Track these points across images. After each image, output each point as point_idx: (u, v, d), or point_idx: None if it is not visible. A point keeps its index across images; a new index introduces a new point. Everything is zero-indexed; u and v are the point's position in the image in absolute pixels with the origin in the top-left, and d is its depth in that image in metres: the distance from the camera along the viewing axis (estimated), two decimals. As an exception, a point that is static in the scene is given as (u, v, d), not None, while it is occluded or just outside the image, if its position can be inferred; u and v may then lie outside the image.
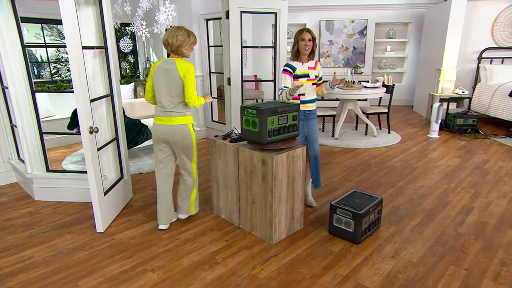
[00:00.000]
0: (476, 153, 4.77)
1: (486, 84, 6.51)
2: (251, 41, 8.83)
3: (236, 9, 3.79)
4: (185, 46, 2.61)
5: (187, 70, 2.58)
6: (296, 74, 2.95)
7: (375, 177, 3.92)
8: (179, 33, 2.57)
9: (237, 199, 2.82)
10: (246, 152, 2.61)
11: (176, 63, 2.60)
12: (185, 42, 2.60)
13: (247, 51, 8.74)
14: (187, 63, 2.63)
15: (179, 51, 2.62)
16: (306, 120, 3.08)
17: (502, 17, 6.60)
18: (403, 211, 3.10)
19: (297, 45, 2.93)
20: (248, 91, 8.45)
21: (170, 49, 2.63)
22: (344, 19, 8.37)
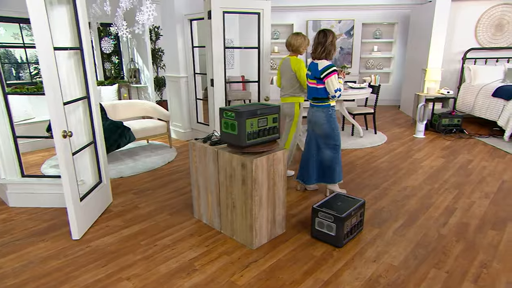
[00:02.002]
0: (460, 153, 4.79)
1: (470, 84, 6.57)
2: (238, 41, 8.77)
3: (218, 9, 3.72)
4: (302, 47, 3.64)
5: (297, 65, 3.57)
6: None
7: (359, 179, 3.90)
8: (298, 37, 3.62)
9: (217, 203, 2.76)
10: (226, 155, 2.55)
11: (290, 60, 3.64)
12: (303, 44, 3.64)
13: (233, 51, 8.67)
14: (298, 60, 3.61)
15: (298, 50, 3.65)
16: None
17: (485, 18, 6.68)
18: (387, 213, 3.08)
19: (335, 45, 3.17)
20: (235, 92, 8.39)
21: (291, 48, 3.66)
22: (331, 20, 8.37)
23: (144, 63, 6.26)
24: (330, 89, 3.07)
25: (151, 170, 4.29)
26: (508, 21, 6.62)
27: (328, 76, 3.04)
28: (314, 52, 3.15)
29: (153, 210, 3.21)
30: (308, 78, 3.25)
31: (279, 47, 8.88)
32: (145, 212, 3.17)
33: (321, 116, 3.21)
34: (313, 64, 3.17)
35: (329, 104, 3.20)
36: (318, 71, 3.08)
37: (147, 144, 5.39)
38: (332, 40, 3.11)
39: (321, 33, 3.12)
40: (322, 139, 3.31)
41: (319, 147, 3.36)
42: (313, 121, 3.28)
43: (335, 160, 3.33)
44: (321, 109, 3.21)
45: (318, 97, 3.18)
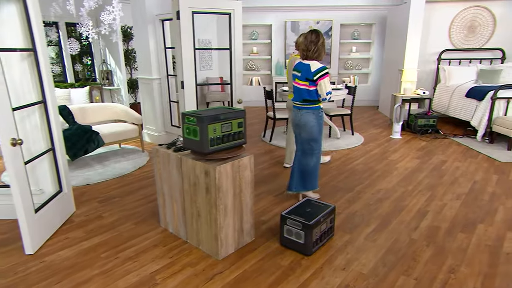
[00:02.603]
0: (435, 154, 4.81)
1: (445, 84, 6.65)
2: (216, 42, 8.63)
3: (186, 9, 3.60)
4: None
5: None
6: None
7: (334, 182, 3.85)
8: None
9: (182, 212, 2.64)
10: (189, 162, 2.43)
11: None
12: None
13: (211, 52, 8.53)
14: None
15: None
16: None
17: (458, 20, 6.77)
18: (359, 218, 3.02)
19: (325, 47, 3.13)
20: (213, 93, 8.25)
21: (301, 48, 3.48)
22: (309, 20, 8.35)
23: (116, 64, 6.05)
24: (322, 92, 3.00)
25: (120, 176, 4.12)
26: (479, 23, 6.74)
27: (321, 78, 2.98)
28: (306, 51, 3.05)
29: (117, 220, 3.06)
30: (297, 79, 3.12)
31: (258, 48, 8.80)
32: (108, 222, 3.01)
33: (311, 118, 3.11)
34: (303, 64, 3.07)
35: (319, 106, 3.14)
36: (311, 72, 2.99)
37: (119, 148, 5.21)
38: (323, 41, 3.06)
39: (314, 33, 3.05)
40: (307, 144, 3.20)
41: (302, 152, 3.25)
42: (302, 123, 3.14)
43: (317, 166, 3.27)
44: (311, 111, 3.11)
45: (309, 99, 3.07)
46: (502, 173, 4.04)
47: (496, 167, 4.26)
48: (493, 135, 5.23)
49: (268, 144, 5.40)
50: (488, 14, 6.67)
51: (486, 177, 3.92)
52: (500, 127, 5.03)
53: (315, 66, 3.00)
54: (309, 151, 3.21)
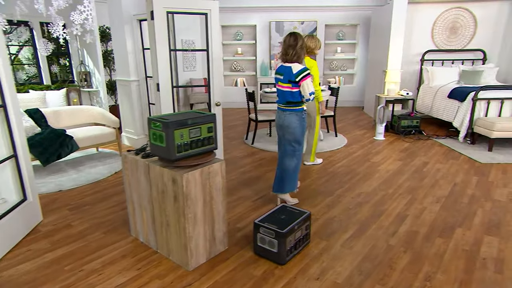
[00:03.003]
0: (417, 156, 4.79)
1: (428, 85, 6.67)
2: (199, 43, 8.51)
3: (161, 9, 3.48)
4: (317, 49, 4.05)
5: (310, 67, 3.65)
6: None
7: (314, 185, 3.77)
8: (313, 39, 4.00)
9: (152, 221, 2.53)
10: (157, 169, 2.32)
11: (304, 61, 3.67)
12: (317, 46, 4.05)
13: (195, 53, 8.40)
14: (311, 61, 3.94)
15: (313, 52, 4.03)
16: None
17: (440, 21, 6.80)
18: (337, 223, 2.95)
19: (305, 50, 3.17)
20: (197, 94, 8.13)
21: (306, 50, 3.92)
22: (293, 21, 8.29)
23: (95, 65, 5.88)
24: (305, 92, 3.02)
25: (95, 181, 3.97)
26: (461, 25, 6.77)
27: (303, 79, 3.00)
28: (285, 55, 3.10)
29: (87, 228, 2.92)
30: (280, 82, 3.13)
31: (242, 48, 8.70)
32: (77, 231, 2.88)
33: (294, 119, 3.12)
34: (285, 67, 3.09)
35: (303, 107, 3.15)
36: (293, 74, 3.02)
37: (96, 152, 5.05)
38: (302, 44, 3.07)
39: (292, 36, 3.06)
40: (290, 145, 3.19)
41: (284, 154, 3.24)
42: (285, 125, 3.15)
43: (298, 168, 3.27)
44: (294, 113, 3.12)
45: (293, 101, 3.09)
46: (482, 175, 4.03)
47: (476, 168, 4.25)
48: (475, 136, 5.24)
49: (250, 147, 5.30)
50: (469, 16, 6.71)
51: (466, 179, 3.90)
52: (481, 128, 5.04)
53: (297, 68, 3.02)
54: (291, 152, 3.21)
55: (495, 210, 3.15)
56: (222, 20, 8.40)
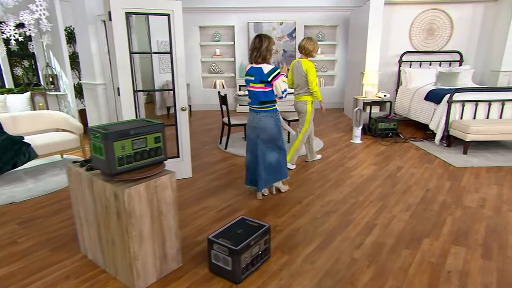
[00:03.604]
0: (392, 160, 4.70)
1: (406, 87, 6.62)
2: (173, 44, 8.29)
3: (118, 9, 3.29)
4: (315, 51, 4.11)
5: (307, 68, 4.02)
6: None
7: (283, 194, 3.63)
8: (311, 42, 4.07)
9: (98, 238, 2.34)
10: (99, 183, 2.14)
11: (302, 62, 4.08)
12: (315, 48, 4.10)
13: (172, 54, 8.18)
14: (309, 62, 4.06)
15: (310, 54, 4.11)
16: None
17: (417, 22, 6.76)
18: (302, 235, 2.81)
19: (272, 52, 3.23)
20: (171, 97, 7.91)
21: (305, 52, 4.09)
22: (272, 21, 8.16)
23: (61, 68, 5.63)
24: (278, 91, 3.19)
25: (53, 191, 3.75)
26: (438, 26, 6.75)
27: (275, 79, 3.16)
28: (251, 56, 3.23)
29: (33, 245, 2.71)
30: (252, 83, 3.24)
31: (221, 49, 8.52)
32: (22, 249, 2.67)
33: (269, 121, 3.26)
34: (255, 68, 3.20)
35: (276, 108, 3.31)
36: (264, 74, 3.15)
37: (61, 159, 4.80)
38: (267, 46, 3.16)
39: (257, 38, 3.19)
40: (268, 143, 3.34)
41: (264, 152, 3.37)
42: (261, 127, 3.28)
43: (282, 160, 3.48)
44: (269, 114, 3.26)
45: (266, 101, 3.23)
46: (455, 179, 3.95)
47: (450, 172, 4.18)
48: (450, 138, 5.19)
49: (223, 152, 5.14)
50: (445, 17, 6.69)
51: (439, 184, 3.82)
52: (456, 131, 4.99)
53: (267, 68, 3.15)
54: (276, 148, 3.40)
55: (465, 217, 3.07)
56: (200, 20, 8.22)
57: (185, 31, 8.23)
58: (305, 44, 4.06)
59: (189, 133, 4.00)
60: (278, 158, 3.44)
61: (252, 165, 3.42)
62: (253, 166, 3.41)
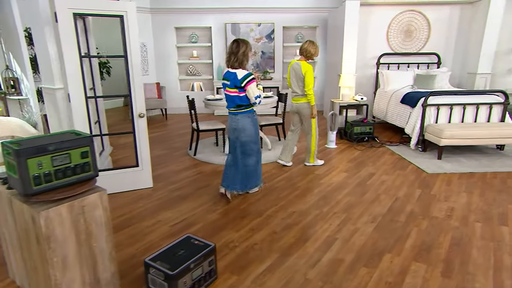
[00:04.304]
0: (365, 166, 4.56)
1: (383, 90, 6.51)
2: (152, 46, 8.08)
3: (65, 10, 3.07)
4: (316, 54, 4.16)
5: (305, 71, 4.06)
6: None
7: (245, 204, 3.45)
8: (314, 45, 4.14)
9: (23, 262, 2.12)
10: (17, 204, 1.92)
11: (301, 64, 4.10)
12: (316, 52, 4.17)
13: (146, 56, 7.96)
14: (308, 65, 4.09)
15: (311, 57, 4.17)
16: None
17: (395, 24, 6.65)
18: (256, 252, 2.63)
19: (248, 57, 3.23)
20: (149, 100, 7.69)
21: (306, 54, 4.14)
22: (250, 23, 7.98)
23: (22, 71, 5.35)
24: (250, 96, 3.19)
25: None
26: (415, 28, 6.65)
27: (248, 84, 3.16)
28: (227, 61, 3.26)
29: (-39, 268, 2.48)
30: (227, 88, 3.28)
31: (198, 51, 8.31)
32: None
33: (247, 121, 3.31)
34: (230, 73, 3.24)
35: (252, 109, 3.34)
36: (238, 80, 3.17)
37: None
38: (244, 51, 3.19)
39: (235, 43, 3.22)
40: (247, 145, 3.37)
41: (242, 156, 3.41)
42: (239, 128, 3.32)
43: (258, 165, 3.50)
44: (246, 115, 3.30)
45: (242, 104, 3.27)
46: (426, 187, 3.83)
47: (422, 179, 4.05)
48: (426, 143, 5.07)
49: (192, 159, 4.94)
50: (422, 19, 6.60)
51: (409, 193, 3.68)
52: (430, 135, 4.88)
53: (241, 74, 3.18)
54: (250, 152, 3.40)
55: (430, 229, 2.93)
56: (176, 21, 8.00)
57: (161, 32, 8.02)
58: (307, 47, 4.12)
59: (161, 139, 3.81)
60: (255, 163, 3.46)
61: (229, 167, 3.48)
62: (231, 168, 3.47)
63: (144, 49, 7.88)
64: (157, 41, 8.05)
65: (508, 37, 6.26)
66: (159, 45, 8.08)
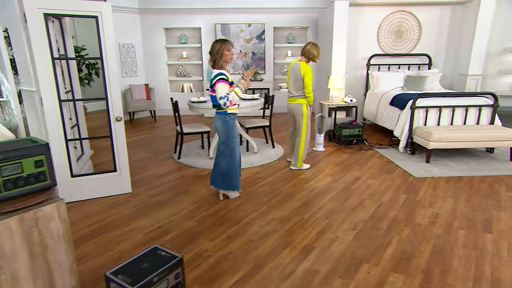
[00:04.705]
0: (351, 169, 4.46)
1: (374, 91, 6.41)
2: (141, 46, 7.97)
3: (35, 10, 2.96)
4: (318, 57, 4.20)
5: (307, 71, 4.07)
6: (231, 82, 3.27)
7: (224, 211, 3.35)
8: (316, 48, 4.16)
9: (-22, 277, 2.01)
10: (-34, 216, 1.81)
11: (301, 65, 4.11)
12: (319, 54, 4.21)
13: (135, 56, 7.85)
14: (308, 66, 4.11)
15: (313, 59, 4.18)
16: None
17: (385, 25, 6.57)
18: (230, 262, 2.53)
19: (223, 55, 3.19)
20: (137, 102, 7.59)
21: (308, 56, 4.14)
22: (240, 23, 7.88)
23: (3, 72, 5.23)
24: (217, 95, 3.17)
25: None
26: (406, 28, 6.57)
27: (216, 83, 3.16)
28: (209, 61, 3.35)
29: None
30: (210, 88, 3.33)
31: (187, 52, 8.21)
32: None
33: (219, 122, 3.34)
34: (211, 73, 3.30)
35: (226, 111, 3.31)
36: (211, 79, 3.24)
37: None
38: (218, 49, 3.19)
39: (213, 44, 3.27)
40: (220, 145, 3.44)
41: (217, 152, 3.49)
42: (216, 127, 3.42)
43: (230, 170, 3.44)
44: (219, 115, 3.34)
45: (216, 104, 3.29)
46: (412, 192, 3.73)
47: (408, 184, 3.96)
48: (414, 146, 4.98)
49: (176, 162, 4.83)
50: (413, 20, 6.52)
51: (393, 198, 3.59)
52: (419, 138, 4.79)
53: (214, 74, 3.22)
54: (223, 150, 3.41)
55: (412, 237, 2.83)
56: (165, 22, 7.89)
57: (150, 33, 7.91)
58: (310, 48, 4.13)
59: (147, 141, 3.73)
60: (228, 166, 3.43)
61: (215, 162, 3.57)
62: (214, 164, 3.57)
63: (132, 50, 7.77)
64: (146, 41, 7.93)
65: (499, 38, 6.18)
66: (148, 46, 7.97)
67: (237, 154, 3.46)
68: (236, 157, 3.44)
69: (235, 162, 3.45)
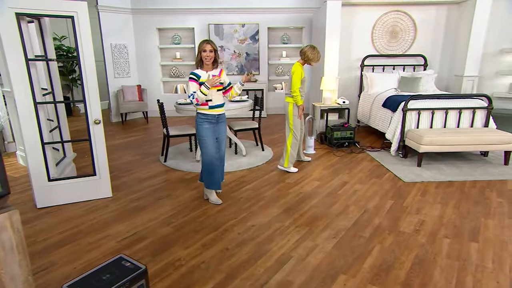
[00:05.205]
0: (340, 173, 4.35)
1: (367, 93, 6.29)
2: (133, 46, 7.90)
3: (6, 9, 2.88)
4: (314, 60, 4.21)
5: (296, 70, 4.14)
6: (201, 82, 3.21)
7: (203, 217, 3.25)
8: (314, 51, 4.17)
9: None
10: None
11: (293, 65, 4.23)
12: (315, 58, 4.20)
13: (128, 57, 7.78)
14: (299, 66, 4.17)
15: (308, 62, 4.22)
16: (216, 124, 3.39)
17: (379, 25, 6.44)
18: (201, 272, 2.43)
19: (200, 55, 3.23)
20: (129, 103, 7.52)
21: (303, 57, 4.21)
22: (234, 23, 7.79)
23: (-12, 73, 5.17)
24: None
25: None
26: (401, 29, 6.44)
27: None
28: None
29: None
30: None
31: (181, 52, 8.13)
32: None
33: (196, 121, 3.40)
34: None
35: (197, 111, 3.36)
36: None
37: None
38: (198, 48, 3.24)
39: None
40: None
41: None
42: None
43: (204, 167, 3.47)
44: (197, 114, 3.39)
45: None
46: (399, 197, 3.62)
47: (397, 189, 3.84)
48: (406, 149, 4.86)
49: (161, 165, 4.74)
50: (408, 20, 6.39)
51: (380, 204, 3.48)
52: (411, 141, 4.67)
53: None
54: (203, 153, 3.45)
55: (394, 246, 2.72)
56: (158, 22, 7.82)
57: (142, 33, 7.84)
58: (306, 51, 4.18)
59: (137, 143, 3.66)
60: (203, 164, 3.48)
61: None
62: None
63: (125, 50, 7.70)
64: (139, 42, 7.86)
65: (496, 39, 6.04)
66: (141, 47, 7.90)
67: (209, 154, 3.39)
68: (207, 156, 3.40)
69: (207, 161, 3.42)
